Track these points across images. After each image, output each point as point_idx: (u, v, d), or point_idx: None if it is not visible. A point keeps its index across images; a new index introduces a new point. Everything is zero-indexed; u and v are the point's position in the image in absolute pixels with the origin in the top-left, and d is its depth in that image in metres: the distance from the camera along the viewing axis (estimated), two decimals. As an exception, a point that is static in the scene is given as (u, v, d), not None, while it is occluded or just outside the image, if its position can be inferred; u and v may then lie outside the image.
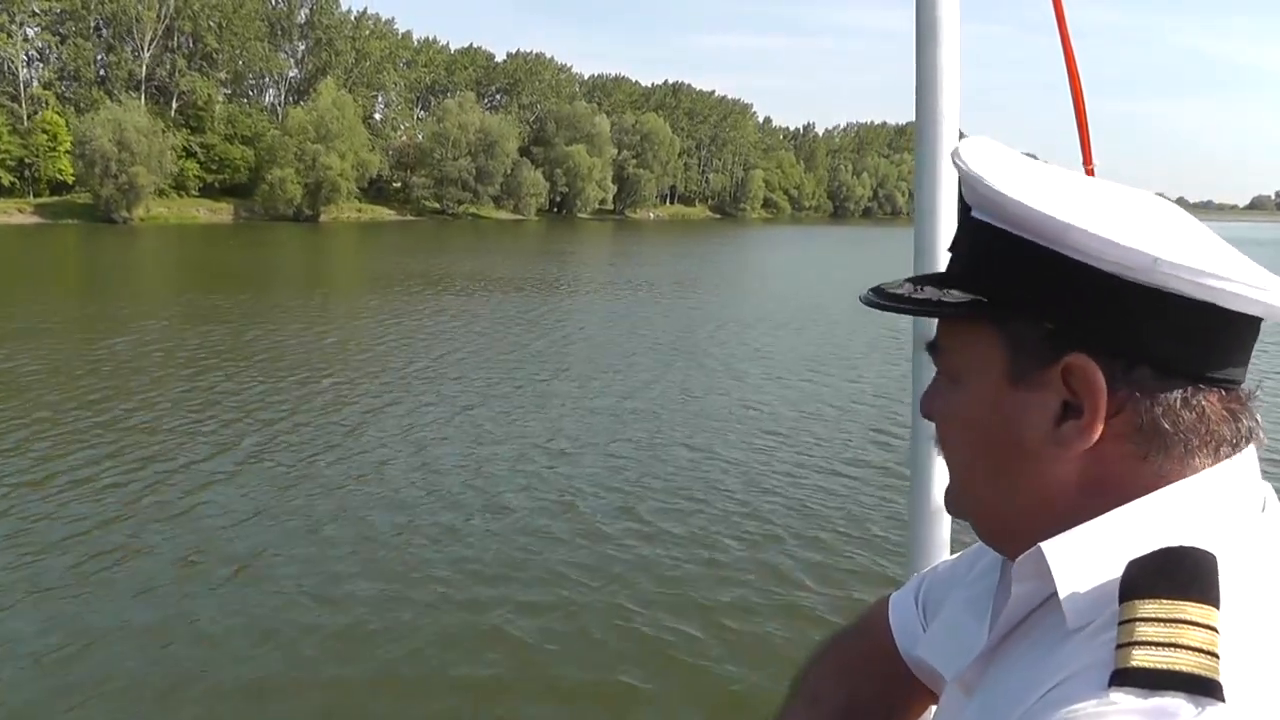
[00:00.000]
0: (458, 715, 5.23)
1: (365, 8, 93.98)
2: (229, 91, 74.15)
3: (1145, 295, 0.62)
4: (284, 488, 8.68)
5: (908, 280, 0.75)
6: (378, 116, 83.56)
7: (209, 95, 68.89)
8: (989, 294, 0.68)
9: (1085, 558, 0.64)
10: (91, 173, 55.72)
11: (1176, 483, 0.65)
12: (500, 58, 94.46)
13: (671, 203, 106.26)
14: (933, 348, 0.76)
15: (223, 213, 65.36)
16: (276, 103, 77.44)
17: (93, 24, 66.24)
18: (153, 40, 67.35)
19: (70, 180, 58.68)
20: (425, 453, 9.94)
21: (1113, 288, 0.62)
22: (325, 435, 10.53)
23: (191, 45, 70.33)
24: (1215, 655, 0.54)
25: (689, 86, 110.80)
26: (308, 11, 77.58)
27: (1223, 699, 0.52)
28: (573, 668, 5.67)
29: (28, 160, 58.40)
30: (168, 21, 67.76)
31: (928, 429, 1.29)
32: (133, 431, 10.41)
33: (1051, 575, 0.64)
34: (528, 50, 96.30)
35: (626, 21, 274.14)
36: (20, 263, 33.88)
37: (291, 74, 78.39)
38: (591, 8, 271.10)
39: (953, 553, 1.08)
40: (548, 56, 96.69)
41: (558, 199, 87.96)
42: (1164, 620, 0.55)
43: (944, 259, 1.27)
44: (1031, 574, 0.66)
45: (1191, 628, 0.55)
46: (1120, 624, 0.57)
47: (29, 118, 60.70)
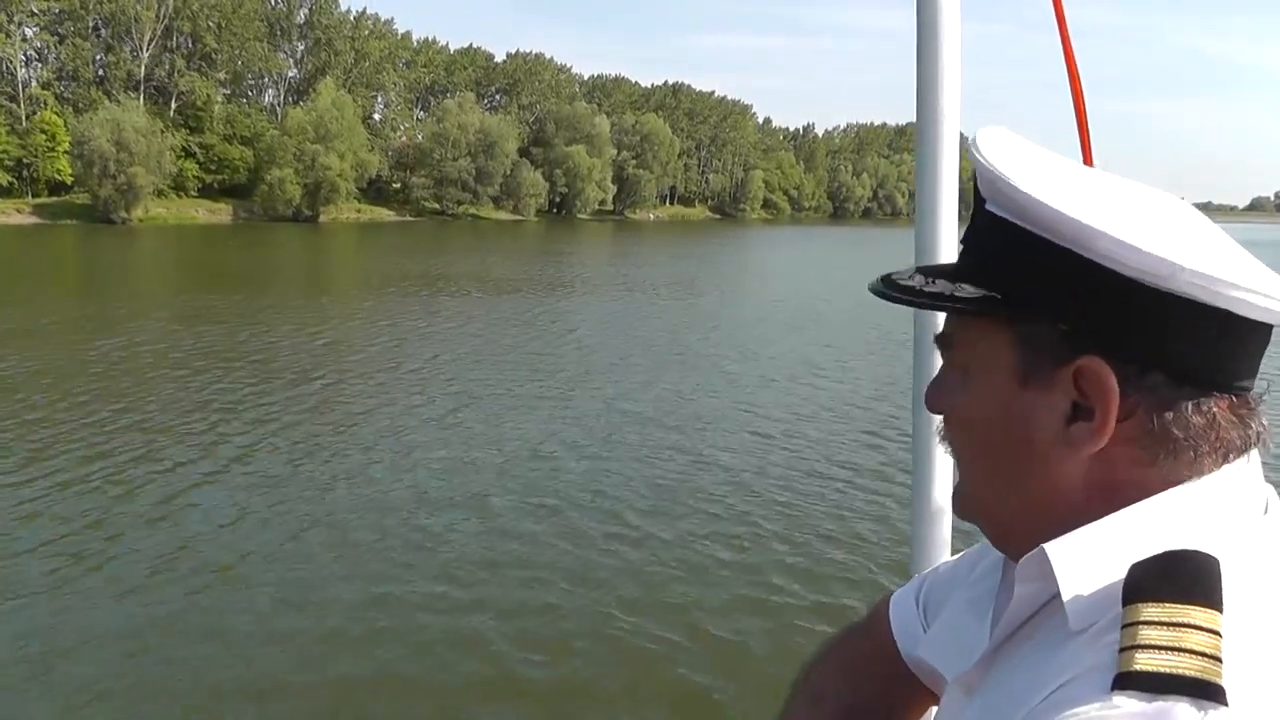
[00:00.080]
0: (445, 717, 5.14)
1: (364, 8, 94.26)
2: (228, 92, 74.07)
3: (1164, 301, 0.61)
4: (270, 490, 8.58)
5: (918, 271, 0.74)
6: (377, 117, 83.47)
7: (208, 95, 68.81)
8: (1002, 290, 0.67)
9: (1088, 560, 0.64)
10: (90, 173, 55.64)
11: (1180, 486, 0.65)
12: (500, 58, 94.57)
13: (671, 203, 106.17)
14: (942, 341, 0.75)
15: (222, 213, 65.26)
16: (276, 103, 77.37)
17: (91, 24, 66.16)
18: (151, 40, 67.27)
19: (69, 181, 58.61)
20: (415, 455, 9.83)
21: (1131, 292, 0.62)
22: (313, 437, 10.43)
23: (190, 45, 70.26)
24: (1218, 659, 0.54)
25: (689, 87, 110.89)
26: (307, 11, 77.55)
27: (1225, 703, 0.52)
28: (567, 671, 5.59)
29: (26, 160, 58.33)
30: (166, 21, 67.68)
31: (930, 428, 1.31)
32: (121, 432, 10.30)
33: (1055, 576, 0.64)
34: (527, 50, 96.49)
35: (626, 22, 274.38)
36: (18, 263, 33.76)
37: (291, 74, 78.35)
38: (591, 8, 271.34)
39: (954, 553, 1.08)
40: (547, 57, 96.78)
41: (557, 199, 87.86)
42: (1167, 624, 0.55)
43: (944, 259, 1.29)
44: (1035, 575, 0.66)
45: (1194, 631, 0.55)
46: (1123, 627, 0.57)
47: (27, 118, 60.66)
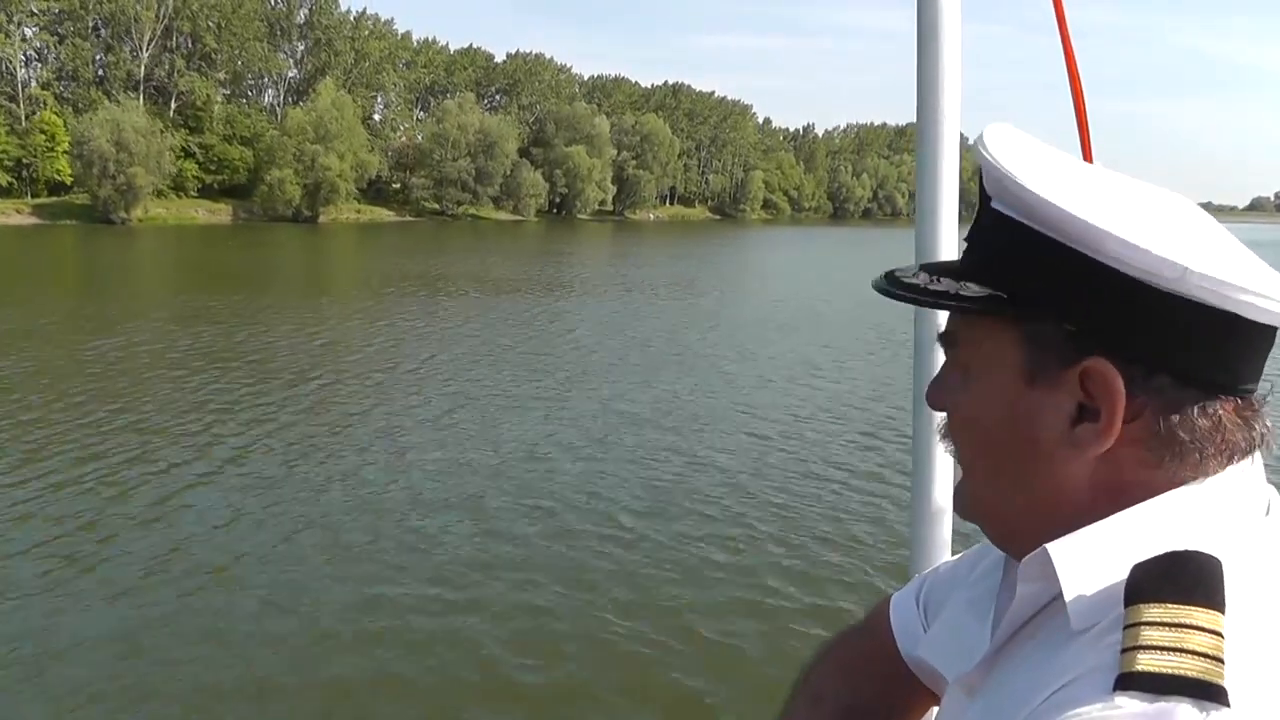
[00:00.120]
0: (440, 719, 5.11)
1: (364, 8, 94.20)
2: (228, 92, 74.01)
3: (1171, 303, 0.61)
4: (264, 491, 8.54)
5: (922, 269, 0.73)
6: (377, 117, 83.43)
7: (208, 96, 68.75)
8: (1008, 289, 0.67)
9: (1091, 559, 0.63)
10: (89, 173, 55.58)
11: (1183, 487, 0.65)
12: (500, 58, 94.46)
13: (671, 204, 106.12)
14: (946, 339, 0.75)
15: (221, 213, 65.21)
16: (275, 103, 77.30)
17: (91, 24, 66.12)
18: (151, 40, 67.22)
19: (68, 181, 58.55)
20: (410, 456, 9.78)
21: (1139, 294, 0.61)
22: (309, 438, 10.38)
23: (190, 45, 70.21)
24: (1220, 660, 0.54)
25: (689, 87, 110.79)
26: (307, 12, 77.51)
27: (1227, 704, 0.52)
28: (561, 674, 5.55)
29: (25, 161, 58.28)
30: (166, 21, 67.62)
31: (930, 428, 1.31)
32: (116, 433, 10.26)
33: (1057, 576, 0.64)
34: (527, 51, 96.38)
35: (626, 22, 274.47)
36: (17, 263, 33.73)
37: (290, 74, 78.30)
38: (591, 8, 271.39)
39: (954, 553, 1.08)
40: (547, 57, 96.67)
41: (557, 200, 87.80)
42: (1169, 624, 0.55)
43: (945, 259, 1.27)
44: (1037, 575, 0.66)
45: (1196, 632, 0.55)
46: (1125, 628, 0.57)
47: (27, 118, 60.59)
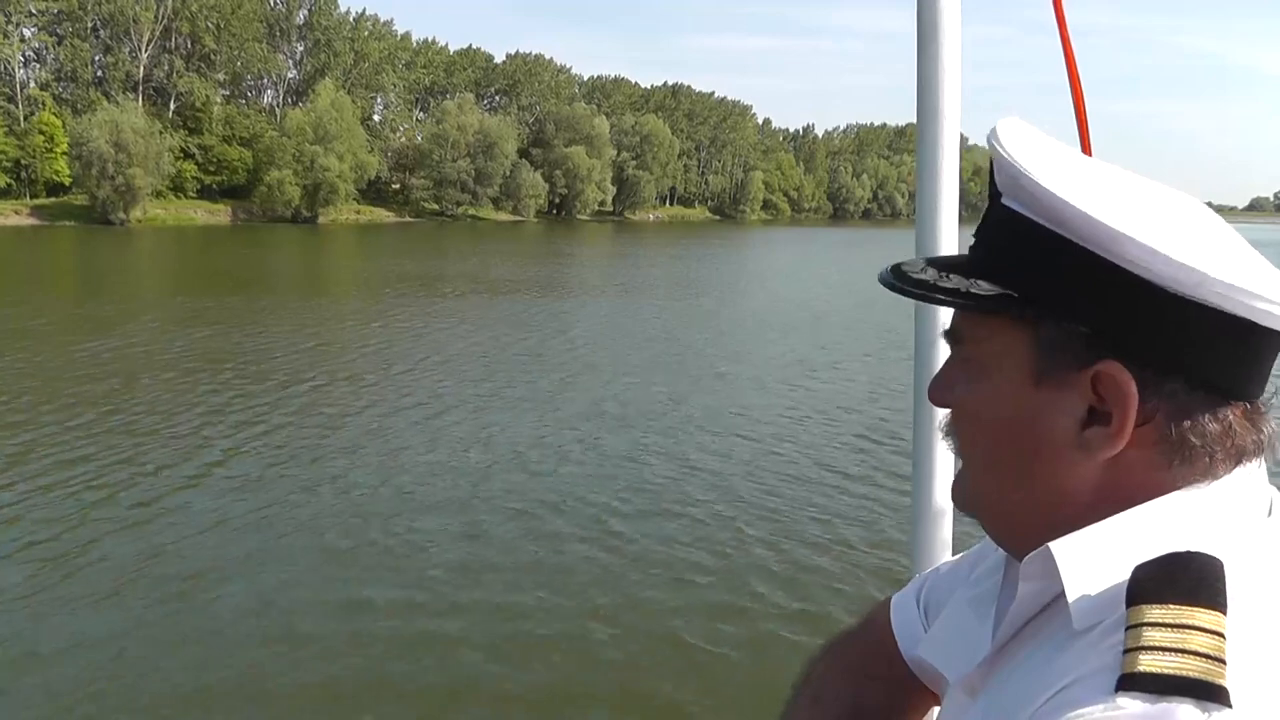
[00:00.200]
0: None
1: (364, 9, 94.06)
2: (227, 93, 73.96)
3: (1188, 309, 0.61)
4: (253, 494, 8.48)
5: (929, 264, 0.72)
6: (376, 118, 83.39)
7: (207, 96, 68.68)
8: (1020, 288, 0.66)
9: (1093, 559, 0.63)
10: (88, 174, 55.50)
11: (1185, 488, 0.65)
12: (499, 59, 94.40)
13: (671, 204, 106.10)
14: (952, 335, 0.74)
15: (220, 214, 65.15)
16: (275, 104, 77.26)
17: (90, 25, 66.08)
18: (150, 41, 67.18)
19: (67, 182, 58.51)
20: (403, 458, 9.72)
21: (1155, 299, 0.61)
22: (300, 440, 10.30)
23: (189, 46, 70.16)
24: (1222, 661, 0.54)
25: (688, 88, 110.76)
26: (306, 12, 77.44)
27: (1229, 704, 0.52)
28: (555, 677, 5.51)
29: (24, 162, 58.25)
30: (165, 22, 67.58)
31: (931, 426, 1.30)
32: (105, 435, 10.19)
33: (1059, 575, 0.63)
34: (527, 51, 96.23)
35: (626, 23, 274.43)
36: (15, 264, 33.71)
37: (290, 75, 78.25)
38: (591, 9, 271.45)
39: (955, 553, 1.07)
40: (547, 58, 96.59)
41: (557, 200, 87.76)
42: (1171, 625, 0.55)
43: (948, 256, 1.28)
44: (1039, 573, 0.66)
45: (1198, 633, 0.55)
46: (1127, 629, 0.57)
47: (25, 119, 60.53)
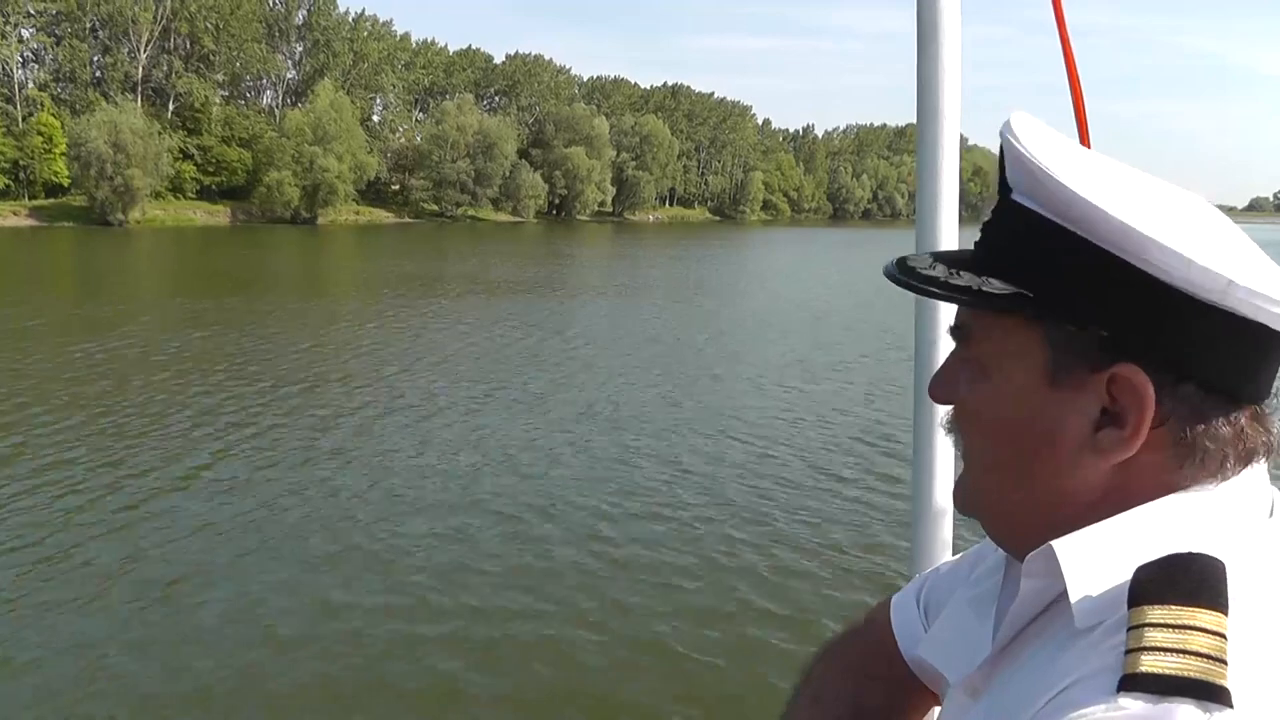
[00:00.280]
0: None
1: (363, 9, 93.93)
2: (226, 93, 73.88)
3: (1207, 314, 0.61)
4: (240, 496, 8.42)
5: (938, 261, 0.71)
6: (376, 118, 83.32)
7: (206, 97, 68.60)
8: (1034, 288, 0.65)
9: (1096, 558, 0.63)
10: (87, 175, 55.42)
11: (1188, 489, 0.64)
12: (499, 59, 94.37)
13: (671, 205, 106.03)
14: (958, 333, 0.72)
15: (220, 215, 65.08)
16: (274, 104, 77.19)
17: (89, 25, 65.99)
18: (149, 42, 67.10)
19: (65, 183, 58.42)
20: (395, 460, 9.66)
21: (1175, 303, 0.61)
22: (289, 442, 10.22)
23: (188, 47, 70.09)
24: (1224, 661, 0.54)
25: (688, 88, 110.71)
26: (305, 13, 77.38)
27: (1231, 705, 0.52)
28: (547, 678, 5.48)
29: (23, 163, 58.16)
30: (164, 23, 67.51)
31: (932, 426, 1.29)
32: (92, 437, 10.15)
33: (1061, 574, 0.63)
34: (526, 52, 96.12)
35: (626, 23, 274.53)
36: (13, 265, 33.64)
37: (289, 76, 78.16)
38: (590, 9, 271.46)
39: (955, 553, 1.07)
40: (546, 58, 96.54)
41: (556, 201, 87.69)
42: (1173, 626, 0.55)
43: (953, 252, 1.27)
44: (1041, 572, 0.65)
45: (1200, 634, 0.55)
46: (1129, 629, 0.57)
47: (24, 120, 60.43)
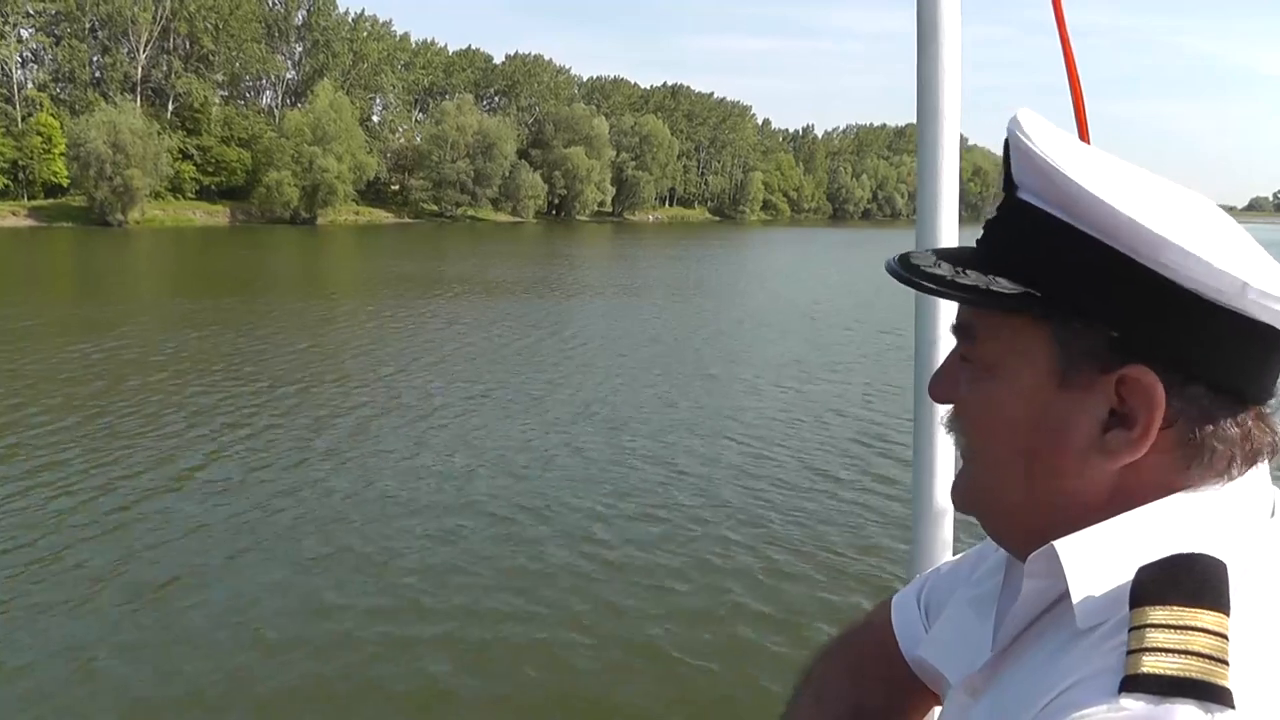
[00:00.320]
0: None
1: (363, 9, 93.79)
2: (225, 93, 73.84)
3: (1219, 315, 0.61)
4: (232, 498, 8.38)
5: (942, 259, 0.70)
6: (375, 119, 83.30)
7: (205, 97, 68.56)
8: (1043, 287, 0.64)
9: (1098, 558, 0.63)
10: (86, 175, 55.39)
11: (1193, 489, 0.64)
12: (499, 59, 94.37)
13: (670, 205, 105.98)
14: (961, 331, 0.71)
15: (219, 215, 65.05)
16: (273, 105, 77.16)
17: (88, 25, 65.94)
18: (148, 42, 67.06)
19: (65, 183, 58.38)
20: (387, 460, 9.62)
21: (1186, 304, 0.60)
22: (283, 444, 10.18)
23: (188, 47, 70.05)
24: (1225, 662, 0.54)
25: (688, 88, 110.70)
26: (305, 13, 77.35)
27: (1233, 705, 0.52)
28: (552, 679, 5.46)
29: (22, 163, 58.11)
30: (163, 23, 67.47)
31: (933, 426, 1.29)
32: (89, 438, 10.10)
33: (1064, 574, 0.63)
34: (526, 52, 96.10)
35: (626, 23, 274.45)
36: (11, 266, 33.60)
37: (289, 76, 78.13)
38: (590, 9, 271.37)
39: (955, 553, 1.07)
40: (546, 58, 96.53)
41: (556, 201, 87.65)
42: (1174, 627, 0.55)
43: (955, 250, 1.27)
44: (1043, 572, 0.65)
45: (1202, 634, 0.55)
46: (1131, 630, 0.57)
47: (23, 120, 60.38)
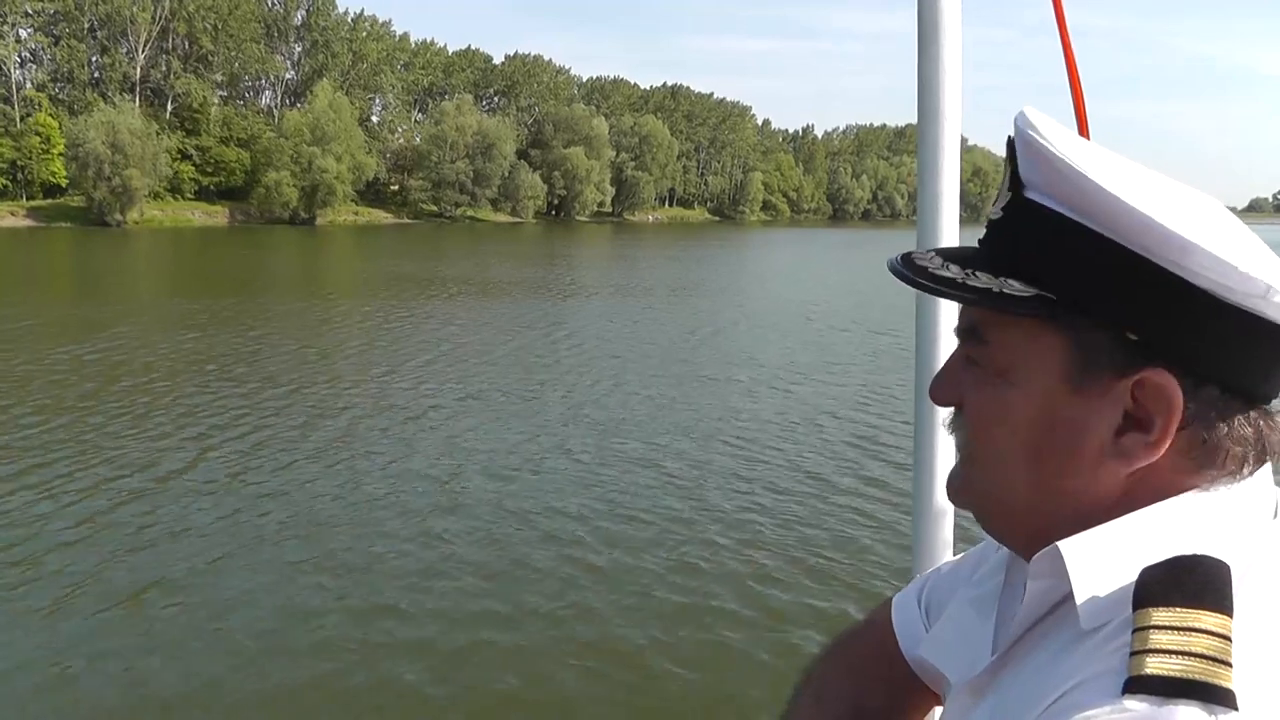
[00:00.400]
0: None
1: (362, 9, 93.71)
2: (225, 94, 73.83)
3: (1239, 317, 0.60)
4: (217, 501, 8.29)
5: (949, 260, 0.68)
6: (375, 119, 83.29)
7: (204, 97, 68.53)
8: (1058, 290, 0.64)
9: (1102, 559, 0.63)
10: (85, 175, 55.40)
11: (1203, 489, 0.64)
12: (498, 60, 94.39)
13: (670, 205, 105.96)
14: (968, 333, 0.70)
15: (218, 216, 65.02)
16: (273, 105, 77.13)
17: (86, 25, 65.90)
18: (147, 42, 67.00)
19: (63, 183, 58.39)
20: (374, 462, 9.54)
21: (1203, 305, 0.60)
22: (272, 446, 10.08)
23: (187, 47, 70.01)
24: (1228, 664, 0.54)
25: (687, 89, 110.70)
26: (304, 13, 77.34)
27: (1235, 707, 0.52)
28: (538, 686, 5.41)
29: (20, 163, 58.11)
30: (162, 23, 67.44)
31: (933, 425, 1.29)
32: (75, 440, 9.99)
33: (1067, 574, 0.63)
34: (525, 52, 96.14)
35: (625, 23, 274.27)
36: (9, 266, 33.54)
37: (288, 76, 78.11)
38: (590, 9, 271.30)
39: (956, 553, 1.06)
40: (546, 58, 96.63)
41: (556, 202, 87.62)
42: (1177, 628, 0.55)
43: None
44: (1047, 572, 0.65)
45: (1205, 636, 0.54)
46: (1134, 631, 0.57)
47: (21, 120, 60.33)
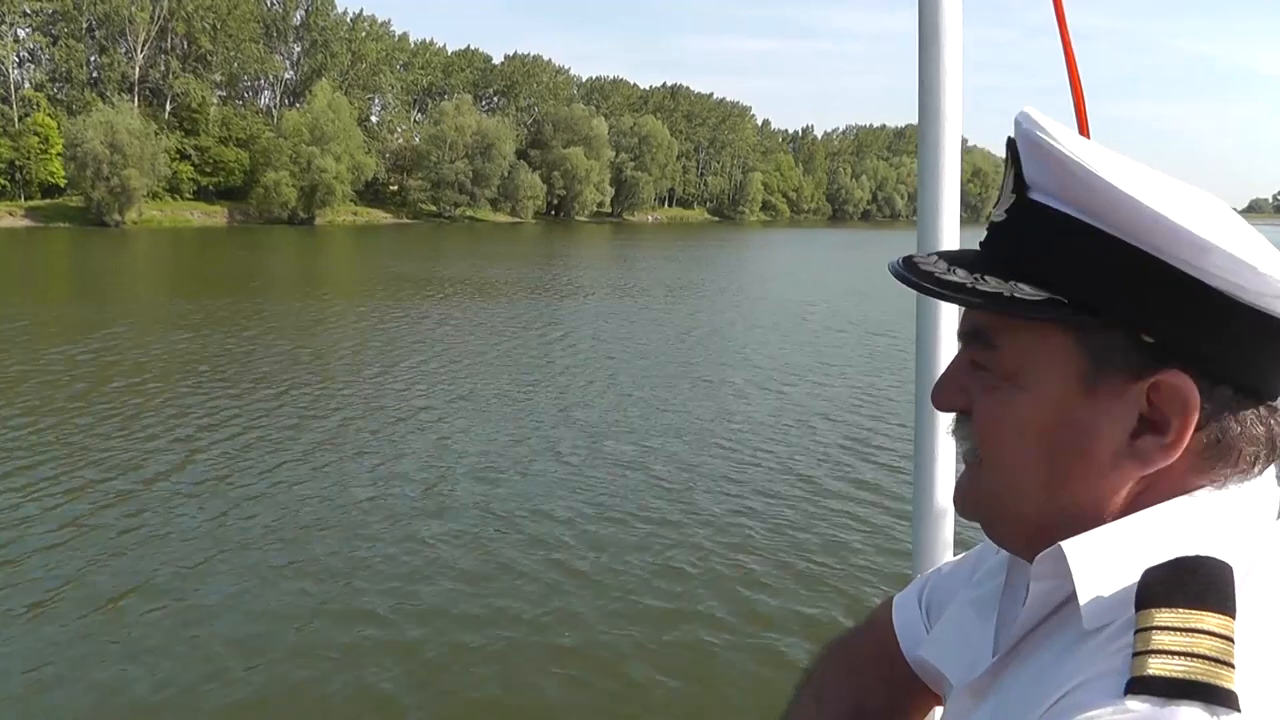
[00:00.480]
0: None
1: (361, 9, 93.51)
2: (223, 94, 73.77)
3: (1254, 318, 0.60)
4: (203, 503, 8.22)
5: (954, 264, 0.67)
6: (374, 119, 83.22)
7: (203, 97, 68.47)
8: (1070, 293, 0.63)
9: (1105, 560, 0.63)
10: (83, 176, 55.32)
11: (1198, 490, 0.64)
12: (498, 60, 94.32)
13: (670, 205, 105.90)
14: (974, 337, 0.69)
15: (217, 216, 64.96)
16: (272, 105, 77.04)
17: (85, 25, 65.83)
18: (146, 42, 66.93)
19: (62, 183, 58.31)
20: (363, 464, 9.48)
21: (1218, 306, 0.60)
22: (262, 448, 10.00)
23: (185, 47, 69.93)
24: (1231, 665, 0.54)
25: (687, 89, 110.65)
26: (303, 13, 77.27)
27: (1237, 707, 0.52)
28: (540, 685, 5.39)
29: (19, 163, 58.03)
30: (161, 23, 67.37)
31: (933, 427, 1.30)
32: (63, 442, 9.91)
33: (1070, 575, 0.63)
34: (525, 52, 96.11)
35: (625, 23, 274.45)
36: (7, 266, 33.46)
37: (287, 76, 78.06)
38: (590, 9, 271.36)
39: (956, 553, 1.07)
40: (545, 59, 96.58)
41: (555, 202, 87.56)
42: (1180, 629, 0.55)
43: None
44: (1050, 573, 0.65)
45: (1207, 637, 0.54)
46: (1136, 632, 0.56)
47: (20, 120, 60.26)
